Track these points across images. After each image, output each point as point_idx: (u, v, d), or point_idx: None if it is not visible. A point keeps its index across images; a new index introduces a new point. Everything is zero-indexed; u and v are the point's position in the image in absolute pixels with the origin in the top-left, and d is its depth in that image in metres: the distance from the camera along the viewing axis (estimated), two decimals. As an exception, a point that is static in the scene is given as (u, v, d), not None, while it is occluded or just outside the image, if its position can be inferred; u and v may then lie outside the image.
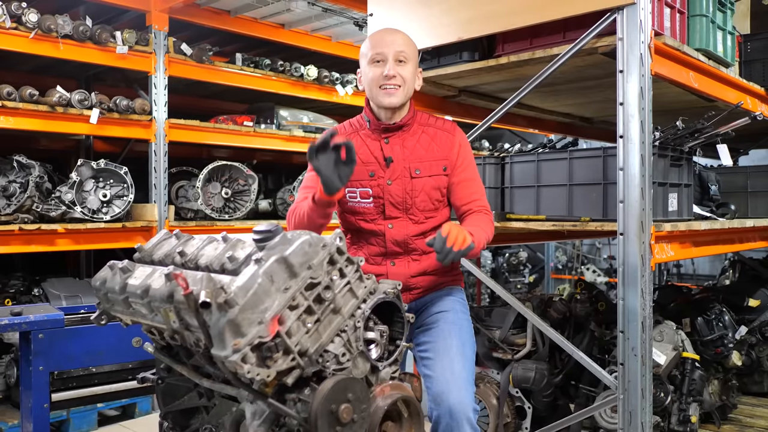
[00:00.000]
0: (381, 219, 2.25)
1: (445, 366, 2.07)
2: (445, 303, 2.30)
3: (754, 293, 4.40)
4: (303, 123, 5.90)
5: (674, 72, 2.79)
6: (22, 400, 2.84)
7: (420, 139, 2.28)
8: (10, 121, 4.13)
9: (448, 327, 2.20)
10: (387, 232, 2.25)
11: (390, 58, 2.20)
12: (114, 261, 1.80)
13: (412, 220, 2.25)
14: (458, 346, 2.15)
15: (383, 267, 2.27)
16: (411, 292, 2.29)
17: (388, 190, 2.23)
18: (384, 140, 2.27)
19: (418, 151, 2.26)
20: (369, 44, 2.26)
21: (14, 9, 4.07)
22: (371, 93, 2.25)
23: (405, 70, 2.22)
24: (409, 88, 2.24)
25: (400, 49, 2.21)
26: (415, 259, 2.27)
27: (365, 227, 2.27)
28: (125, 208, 4.55)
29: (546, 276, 9.56)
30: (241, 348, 1.37)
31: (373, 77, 2.22)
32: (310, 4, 5.08)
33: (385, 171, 2.24)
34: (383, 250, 2.27)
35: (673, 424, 3.26)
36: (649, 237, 2.57)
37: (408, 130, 2.28)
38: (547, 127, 4.61)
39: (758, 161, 5.74)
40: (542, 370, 3.32)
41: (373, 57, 2.22)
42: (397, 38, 2.25)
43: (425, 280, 2.30)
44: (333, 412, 1.46)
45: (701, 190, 3.69)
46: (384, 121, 2.26)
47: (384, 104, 2.22)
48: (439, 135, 2.30)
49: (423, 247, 2.25)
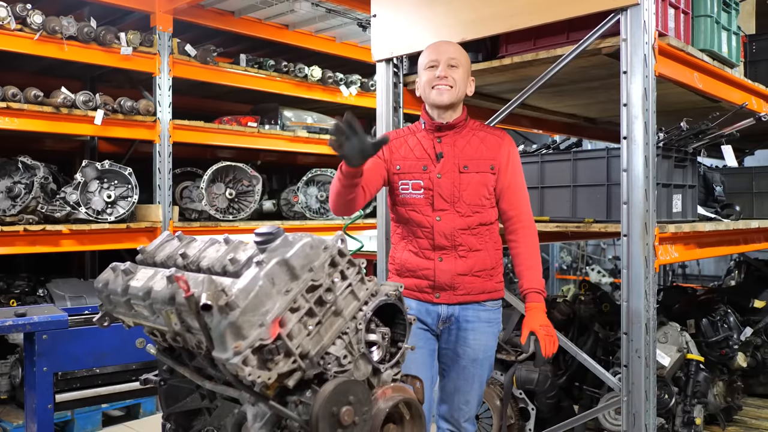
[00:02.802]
0: (430, 210, 2.39)
1: (461, 401, 2.47)
2: (480, 338, 2.44)
3: (760, 294, 4.38)
4: (307, 123, 5.91)
5: (678, 73, 2.78)
6: (26, 401, 2.86)
7: (470, 141, 2.44)
8: (15, 122, 4.15)
9: (474, 370, 2.45)
10: (435, 224, 2.38)
11: (442, 63, 2.40)
12: (116, 263, 1.80)
13: (459, 213, 2.38)
14: (479, 387, 2.48)
15: (431, 262, 2.40)
16: (455, 291, 2.40)
17: (438, 183, 2.39)
18: (437, 139, 2.44)
19: (467, 151, 2.42)
20: (425, 54, 2.47)
21: (19, 11, 4.08)
22: (425, 93, 2.45)
23: (456, 73, 2.40)
24: (460, 90, 2.41)
25: (452, 56, 2.41)
26: (462, 256, 2.39)
27: (415, 218, 2.42)
28: (130, 209, 4.56)
29: (551, 276, 9.53)
30: (242, 350, 1.37)
31: (426, 79, 2.43)
32: (314, 5, 5.08)
33: (435, 165, 2.41)
34: (431, 242, 2.39)
35: (677, 426, 3.25)
36: (653, 238, 2.56)
37: (460, 131, 2.44)
38: (551, 128, 4.60)
39: (763, 162, 5.73)
40: (546, 371, 3.31)
41: (428, 63, 2.43)
42: (449, 47, 2.47)
43: (471, 281, 2.40)
44: (334, 415, 1.46)
45: (706, 191, 3.68)
46: (437, 120, 2.44)
47: (435, 102, 2.41)
48: (488, 138, 2.45)
49: (469, 244, 2.39)
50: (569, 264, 9.51)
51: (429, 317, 2.43)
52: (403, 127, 2.62)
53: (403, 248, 2.48)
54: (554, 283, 9.44)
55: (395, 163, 2.46)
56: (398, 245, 2.51)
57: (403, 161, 2.45)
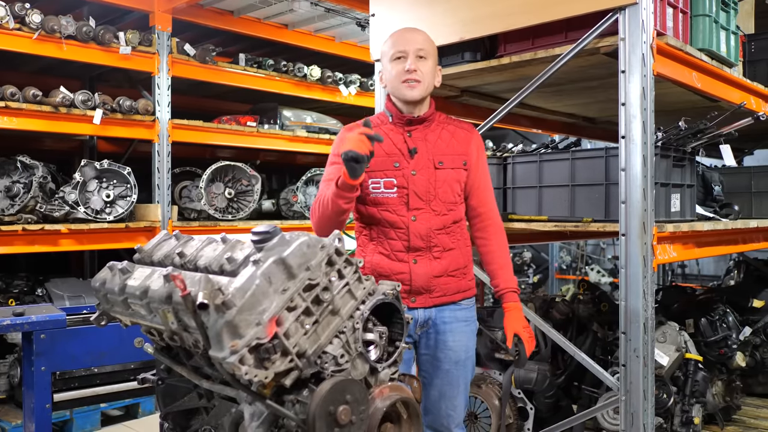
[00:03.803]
0: (404, 210, 2.28)
1: (449, 407, 2.37)
2: (460, 339, 2.37)
3: (759, 294, 4.38)
4: (306, 123, 5.91)
5: (677, 72, 2.78)
6: (25, 401, 2.85)
7: (441, 135, 2.35)
8: (13, 122, 4.15)
9: (457, 373, 2.37)
10: (410, 224, 2.27)
11: (411, 54, 2.28)
12: (113, 262, 1.80)
13: (435, 211, 2.28)
14: (464, 390, 2.40)
15: (406, 264, 2.28)
16: (431, 294, 2.31)
17: (412, 181, 2.28)
18: (407, 133, 2.34)
19: (439, 145, 2.33)
20: (390, 42, 2.34)
21: (18, 10, 4.08)
22: (393, 88, 2.33)
23: (425, 65, 2.29)
24: (428, 83, 2.31)
25: (420, 46, 2.29)
26: (437, 257, 2.30)
27: (388, 218, 2.29)
28: (128, 209, 4.56)
29: (550, 276, 9.53)
30: (239, 349, 1.37)
31: (395, 73, 2.30)
32: (313, 5, 5.09)
33: (409, 162, 2.29)
34: (406, 244, 2.28)
35: (676, 426, 3.25)
36: (651, 238, 2.56)
37: (429, 125, 2.36)
38: (550, 127, 4.60)
39: (762, 161, 5.72)
40: (544, 371, 3.31)
41: (395, 54, 2.31)
42: (417, 36, 2.33)
43: (446, 282, 2.32)
44: (331, 414, 1.45)
45: (704, 190, 3.68)
46: (406, 114, 2.33)
47: (407, 98, 2.30)
48: (458, 132, 2.38)
49: (444, 244, 2.30)
50: (569, 264, 9.50)
51: None
52: (366, 119, 2.47)
53: (372, 251, 2.33)
54: (553, 283, 9.44)
55: None
56: (366, 247, 2.35)
57: (373, 158, 2.22)
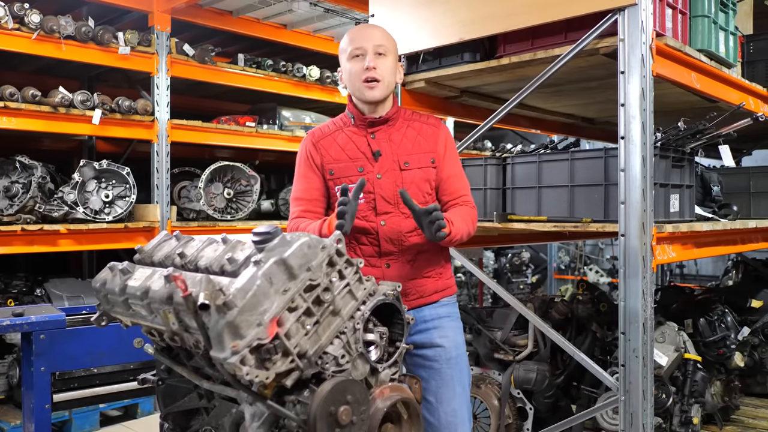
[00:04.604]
0: (373, 215, 2.21)
1: (448, 413, 2.21)
2: (446, 334, 2.27)
3: (757, 294, 4.39)
4: (305, 123, 5.91)
5: (676, 73, 2.79)
6: (24, 401, 2.85)
7: (406, 133, 2.27)
8: (12, 122, 4.15)
9: (451, 372, 2.25)
10: (380, 229, 2.20)
11: (369, 52, 2.20)
12: (114, 262, 1.80)
13: (404, 214, 2.20)
14: (462, 392, 2.26)
15: (378, 270, 2.21)
16: (407, 297, 2.22)
17: (378, 184, 2.20)
18: (370, 135, 2.25)
19: (405, 145, 2.24)
20: (347, 40, 2.26)
21: (17, 10, 4.08)
22: (353, 88, 2.24)
23: (385, 63, 2.21)
24: (389, 81, 2.23)
25: (378, 43, 2.21)
26: (410, 260, 2.23)
27: (357, 225, 2.19)
28: (127, 209, 4.56)
29: (549, 276, 9.54)
30: (240, 350, 1.37)
31: (354, 72, 2.22)
32: (312, 5, 5.08)
33: (373, 165, 2.21)
34: (377, 249, 2.21)
35: (674, 426, 3.25)
36: (651, 238, 2.56)
37: (393, 124, 2.27)
38: (549, 128, 4.60)
39: (761, 162, 5.73)
40: (544, 371, 3.32)
41: (353, 52, 2.22)
42: (375, 32, 2.25)
43: (422, 284, 2.26)
44: (332, 414, 1.46)
45: (703, 191, 3.68)
46: (368, 115, 2.25)
47: (367, 98, 2.21)
48: (424, 129, 2.29)
49: (417, 247, 2.23)
50: (567, 264, 9.52)
51: None
52: (327, 123, 2.37)
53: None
54: (552, 283, 9.45)
55: (327, 168, 2.25)
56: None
57: (336, 164, 2.23)
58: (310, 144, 2.30)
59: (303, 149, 2.32)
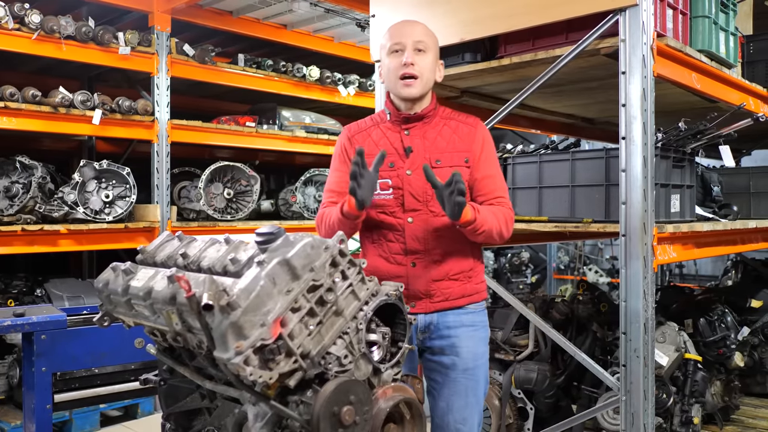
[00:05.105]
0: (400, 212, 2.18)
1: (457, 420, 2.19)
2: (467, 344, 2.21)
3: (757, 294, 4.39)
4: (305, 123, 5.91)
5: (676, 73, 2.79)
6: (25, 401, 2.85)
7: (441, 131, 2.22)
8: (12, 122, 4.14)
9: (466, 382, 2.21)
10: (407, 226, 2.17)
11: (408, 47, 2.16)
12: (117, 263, 1.80)
13: (433, 212, 2.16)
14: (474, 402, 2.22)
15: (403, 268, 2.18)
16: (432, 299, 2.19)
17: (407, 181, 2.17)
18: (404, 131, 2.22)
19: (439, 143, 2.20)
20: (388, 35, 2.22)
21: (17, 10, 4.08)
22: (390, 84, 2.21)
23: (424, 60, 2.17)
24: (428, 79, 2.19)
25: (418, 39, 2.17)
26: (437, 260, 2.18)
27: (385, 220, 2.20)
28: (128, 209, 4.56)
29: (548, 276, 9.54)
30: (244, 350, 1.37)
31: (392, 67, 2.18)
32: (313, 5, 5.08)
33: (404, 161, 2.19)
34: (403, 246, 2.18)
35: (675, 426, 3.26)
36: (652, 238, 2.57)
37: (429, 121, 2.23)
38: (549, 128, 4.60)
39: (761, 162, 5.73)
40: (544, 371, 3.32)
41: (392, 47, 2.19)
42: (415, 28, 2.21)
43: (448, 286, 2.20)
44: (335, 414, 1.46)
45: (703, 191, 3.69)
46: (404, 112, 2.22)
47: (403, 95, 2.18)
48: (461, 128, 2.24)
49: (444, 246, 2.18)
50: (566, 264, 9.52)
51: None
52: (365, 118, 2.36)
53: (372, 253, 2.24)
54: (552, 283, 9.45)
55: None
56: (368, 249, 2.28)
57: (369, 159, 2.15)
58: (346, 138, 2.32)
59: (339, 143, 2.33)
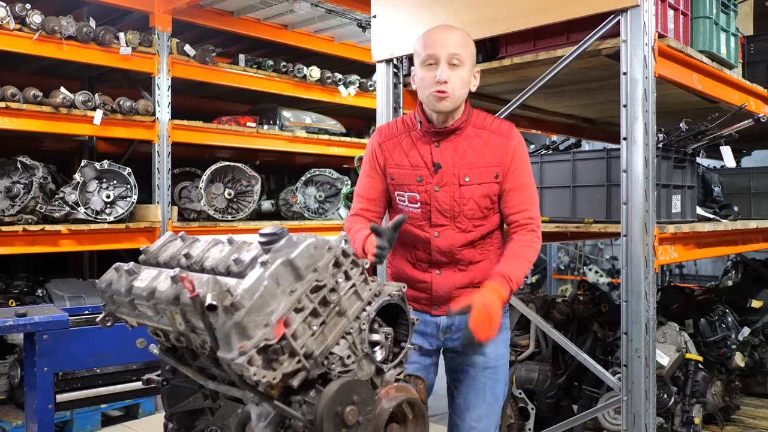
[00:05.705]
0: (427, 226, 2.16)
1: (473, 418, 2.20)
2: (489, 344, 2.16)
3: (757, 294, 4.40)
4: (306, 124, 5.91)
5: (678, 74, 2.80)
6: (27, 401, 2.85)
7: (472, 143, 2.14)
8: (14, 122, 4.15)
9: (484, 380, 2.22)
10: (433, 240, 2.15)
11: (443, 61, 2.05)
12: (120, 263, 1.80)
13: (459, 228, 2.14)
14: (492, 401, 2.23)
15: (429, 274, 2.19)
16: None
17: (435, 197, 2.13)
18: (435, 144, 2.15)
19: (468, 157, 2.13)
20: (422, 43, 2.11)
21: (18, 10, 4.08)
22: (423, 95, 2.12)
23: (458, 75, 2.06)
24: (460, 94, 2.09)
25: (453, 51, 2.05)
26: (462, 269, 2.17)
27: (412, 231, 2.18)
28: (128, 209, 4.56)
29: (548, 276, 9.55)
30: (248, 350, 1.37)
31: (425, 81, 2.09)
32: (314, 6, 5.09)
33: (433, 177, 2.14)
34: (428, 257, 2.18)
35: (676, 426, 3.26)
36: (653, 239, 2.57)
37: (461, 134, 2.15)
38: (549, 128, 4.61)
39: (761, 162, 5.74)
40: (545, 371, 3.33)
41: (426, 59, 2.08)
42: (451, 37, 2.08)
43: (471, 292, 2.11)
44: (338, 414, 1.46)
45: (704, 191, 3.70)
46: (436, 125, 2.14)
47: (435, 109, 2.10)
48: (493, 139, 2.15)
49: (470, 258, 2.17)
50: (567, 264, 9.53)
51: (427, 327, 2.22)
52: (397, 120, 2.29)
53: (400, 256, 2.26)
54: (552, 283, 9.46)
55: (389, 172, 2.21)
56: (396, 251, 2.27)
57: (397, 170, 2.18)
58: (377, 143, 2.25)
59: (370, 147, 2.28)
